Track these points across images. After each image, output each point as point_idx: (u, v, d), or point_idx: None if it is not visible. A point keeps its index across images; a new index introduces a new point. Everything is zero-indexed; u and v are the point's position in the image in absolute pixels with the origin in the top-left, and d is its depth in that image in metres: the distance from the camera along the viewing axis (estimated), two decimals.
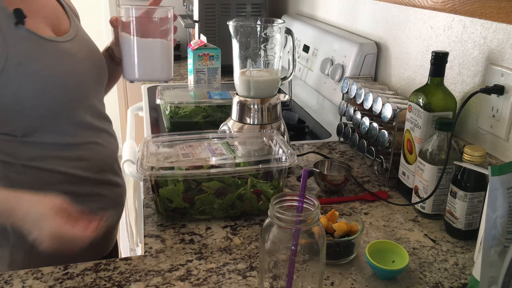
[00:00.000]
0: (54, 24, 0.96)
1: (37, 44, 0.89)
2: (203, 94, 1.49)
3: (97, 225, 0.79)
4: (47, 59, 0.90)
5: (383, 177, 1.16)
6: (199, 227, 0.93)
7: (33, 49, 0.88)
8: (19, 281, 0.77)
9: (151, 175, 0.89)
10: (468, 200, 0.86)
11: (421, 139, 0.98)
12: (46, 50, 0.91)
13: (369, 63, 1.40)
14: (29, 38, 0.88)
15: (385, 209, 1.02)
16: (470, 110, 1.04)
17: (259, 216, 0.97)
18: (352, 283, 0.78)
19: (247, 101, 1.11)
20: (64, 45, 0.95)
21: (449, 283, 0.78)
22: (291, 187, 1.11)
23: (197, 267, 0.81)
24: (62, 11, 1.02)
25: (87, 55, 1.01)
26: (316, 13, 1.92)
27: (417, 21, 1.21)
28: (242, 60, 1.12)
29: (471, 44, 1.02)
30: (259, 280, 0.69)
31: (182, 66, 2.31)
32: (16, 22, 0.86)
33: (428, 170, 0.93)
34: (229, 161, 0.94)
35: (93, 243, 0.80)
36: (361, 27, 1.52)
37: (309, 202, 0.64)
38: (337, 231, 0.84)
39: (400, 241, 0.90)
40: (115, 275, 0.79)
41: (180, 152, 0.97)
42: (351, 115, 1.28)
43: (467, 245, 0.89)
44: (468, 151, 0.85)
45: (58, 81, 0.91)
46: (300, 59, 1.78)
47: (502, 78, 0.93)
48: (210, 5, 2.05)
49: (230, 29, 1.09)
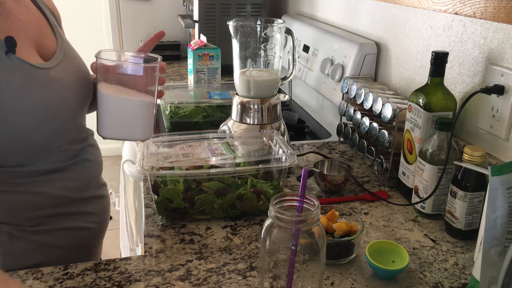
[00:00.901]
0: (40, 44, 0.91)
1: (29, 74, 0.84)
2: (203, 94, 1.49)
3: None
4: (40, 91, 0.85)
5: (383, 177, 1.16)
6: (199, 227, 0.93)
7: (26, 81, 0.83)
8: (19, 281, 0.77)
9: (151, 175, 0.89)
10: (468, 200, 0.86)
11: (421, 139, 0.98)
12: (39, 80, 0.85)
13: (369, 63, 1.40)
14: (21, 68, 0.82)
15: (385, 209, 1.02)
16: (470, 110, 1.04)
17: (259, 216, 0.97)
18: (352, 283, 0.78)
19: (247, 101, 1.11)
20: (55, 72, 0.89)
21: (449, 283, 0.78)
22: (291, 187, 1.11)
23: (197, 267, 0.81)
24: (46, 24, 0.95)
25: (77, 78, 0.95)
26: (316, 13, 1.92)
27: (417, 21, 1.21)
28: (242, 60, 1.12)
29: (471, 44, 1.02)
30: (259, 280, 0.69)
31: (182, 66, 2.31)
32: (7, 51, 0.81)
33: (428, 170, 0.93)
34: (229, 161, 0.94)
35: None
36: (361, 27, 1.52)
37: (309, 202, 0.64)
38: (337, 231, 0.84)
39: (400, 241, 0.90)
40: (115, 275, 0.79)
41: (180, 152, 0.97)
42: (351, 115, 1.28)
43: (467, 245, 0.89)
44: (468, 151, 0.85)
45: (53, 112, 0.87)
46: (300, 59, 1.78)
47: (502, 78, 0.93)
48: (210, 5, 2.05)
49: (230, 29, 1.09)
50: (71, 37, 1.11)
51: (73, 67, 0.96)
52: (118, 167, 3.51)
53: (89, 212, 1.01)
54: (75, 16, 3.33)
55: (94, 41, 2.83)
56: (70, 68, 0.95)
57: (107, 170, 3.61)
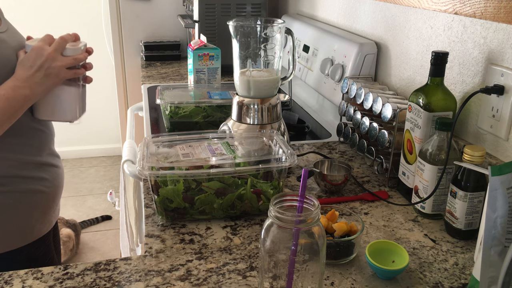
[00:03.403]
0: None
1: None
2: (203, 94, 1.49)
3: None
4: None
5: (383, 177, 1.16)
6: (199, 227, 0.93)
7: None
8: (19, 281, 0.77)
9: (151, 175, 0.89)
10: (468, 200, 0.87)
11: (421, 139, 0.98)
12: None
13: (369, 63, 1.40)
14: None
15: (385, 209, 1.02)
16: (470, 110, 1.04)
17: (259, 216, 0.97)
18: (352, 283, 0.78)
19: (247, 101, 1.11)
20: (5, 36, 1.02)
21: (449, 283, 0.78)
22: (291, 187, 1.11)
23: (197, 267, 0.81)
24: None
25: (20, 45, 1.06)
26: (316, 13, 1.92)
27: (417, 21, 1.21)
28: (242, 60, 1.12)
29: (471, 44, 1.02)
30: (259, 280, 0.69)
31: (182, 66, 2.31)
32: None
33: (428, 170, 0.93)
34: (229, 161, 0.94)
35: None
36: (361, 27, 1.52)
37: (309, 202, 0.64)
38: (337, 231, 0.84)
39: (400, 241, 0.90)
40: (115, 275, 0.79)
41: (180, 152, 0.97)
42: (351, 115, 1.28)
43: (467, 245, 0.89)
44: (468, 151, 0.85)
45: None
46: (300, 59, 1.78)
47: (502, 78, 0.93)
48: (210, 5, 2.05)
49: (230, 29, 1.09)
50: None
51: (16, 38, 1.08)
52: (118, 167, 3.52)
53: (41, 178, 1.11)
54: (75, 16, 3.33)
55: (94, 41, 2.83)
56: (14, 37, 1.07)
57: (107, 170, 3.63)
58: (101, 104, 3.50)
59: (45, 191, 1.12)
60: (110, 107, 3.52)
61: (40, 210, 1.13)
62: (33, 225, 1.12)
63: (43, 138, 1.13)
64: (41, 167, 1.12)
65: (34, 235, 1.13)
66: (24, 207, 1.09)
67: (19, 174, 1.06)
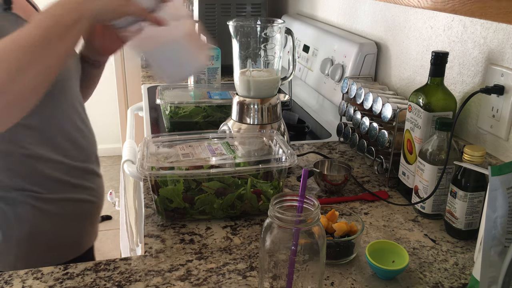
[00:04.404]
0: (26, 9, 0.96)
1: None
2: (203, 94, 1.49)
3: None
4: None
5: (383, 177, 1.16)
6: (199, 227, 0.93)
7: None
8: (19, 281, 0.77)
9: (151, 175, 0.89)
10: (468, 200, 0.86)
11: (421, 139, 0.98)
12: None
13: (369, 63, 1.40)
14: (18, 24, 0.83)
15: (385, 209, 1.02)
16: (470, 110, 1.04)
17: (259, 216, 0.97)
18: (352, 283, 0.78)
19: (247, 101, 1.11)
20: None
21: (449, 283, 0.78)
22: (291, 187, 1.11)
23: (197, 267, 0.81)
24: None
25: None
26: (316, 13, 1.92)
27: (417, 21, 1.21)
28: (242, 60, 1.12)
29: (471, 44, 1.02)
30: (259, 280, 0.69)
31: None
32: (5, 8, 0.87)
33: (428, 170, 0.93)
34: (229, 161, 0.94)
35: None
36: (361, 27, 1.52)
37: (309, 202, 0.64)
38: (337, 231, 0.84)
39: (400, 241, 0.90)
40: (115, 275, 0.79)
41: (180, 152, 0.97)
42: (351, 115, 1.28)
43: (467, 245, 0.89)
44: (468, 151, 0.85)
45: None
46: (300, 59, 1.78)
47: (502, 78, 0.93)
48: (210, 5, 2.05)
49: (230, 29, 1.09)
50: None
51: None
52: (118, 167, 3.52)
53: (88, 187, 1.07)
54: None
55: None
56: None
57: (107, 170, 3.62)
58: (101, 104, 3.50)
59: (92, 201, 1.09)
60: (110, 107, 3.52)
61: (89, 220, 1.10)
62: (83, 236, 1.09)
63: (92, 142, 1.09)
64: (87, 176, 1.07)
65: (83, 247, 1.09)
66: (75, 218, 1.05)
67: (68, 181, 1.01)
